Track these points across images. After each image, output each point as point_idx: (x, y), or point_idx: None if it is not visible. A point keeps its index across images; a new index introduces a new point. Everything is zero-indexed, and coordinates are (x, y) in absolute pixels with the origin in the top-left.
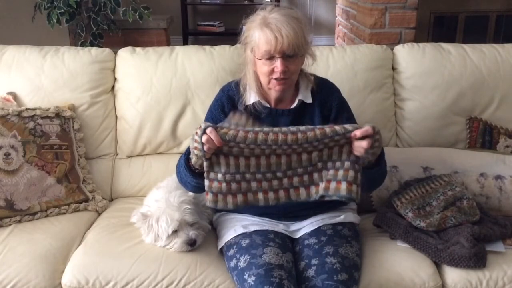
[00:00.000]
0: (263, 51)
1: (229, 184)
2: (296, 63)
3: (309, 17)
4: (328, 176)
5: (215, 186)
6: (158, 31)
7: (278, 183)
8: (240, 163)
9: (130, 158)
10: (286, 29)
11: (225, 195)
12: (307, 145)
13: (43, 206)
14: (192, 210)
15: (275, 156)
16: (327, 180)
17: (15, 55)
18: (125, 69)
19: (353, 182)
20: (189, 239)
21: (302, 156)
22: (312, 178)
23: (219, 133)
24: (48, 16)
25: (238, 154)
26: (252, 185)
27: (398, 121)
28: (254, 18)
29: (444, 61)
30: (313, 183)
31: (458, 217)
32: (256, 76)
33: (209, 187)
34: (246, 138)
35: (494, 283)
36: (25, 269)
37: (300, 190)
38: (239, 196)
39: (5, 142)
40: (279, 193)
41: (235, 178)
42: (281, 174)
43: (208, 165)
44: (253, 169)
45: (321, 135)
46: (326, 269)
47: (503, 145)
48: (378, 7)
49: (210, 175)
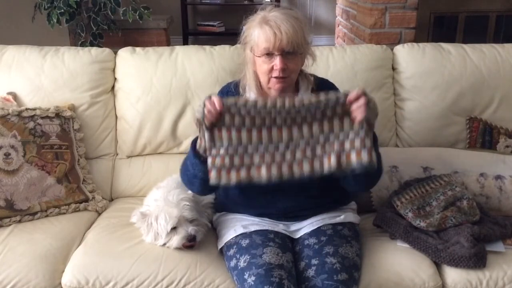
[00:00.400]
0: (262, 48)
1: (232, 158)
2: (295, 62)
3: (309, 17)
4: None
5: (218, 161)
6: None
7: (280, 157)
8: (242, 135)
9: (130, 158)
10: (285, 26)
11: (228, 170)
12: (304, 112)
13: (43, 206)
14: (191, 207)
15: (277, 128)
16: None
17: (15, 55)
18: (125, 69)
19: (372, 149)
20: (189, 235)
21: (303, 128)
22: (315, 153)
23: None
24: (48, 16)
25: (240, 126)
26: (254, 159)
27: (398, 121)
28: (254, 18)
29: (444, 61)
30: (316, 157)
31: (458, 217)
32: (256, 76)
33: (212, 163)
34: (247, 102)
35: (494, 283)
36: (25, 269)
37: (303, 164)
38: (242, 171)
39: (5, 142)
40: (282, 168)
41: (237, 151)
42: (283, 147)
43: (209, 138)
44: (255, 142)
45: (316, 102)
46: (326, 269)
47: (503, 145)
48: (378, 7)
49: (212, 152)
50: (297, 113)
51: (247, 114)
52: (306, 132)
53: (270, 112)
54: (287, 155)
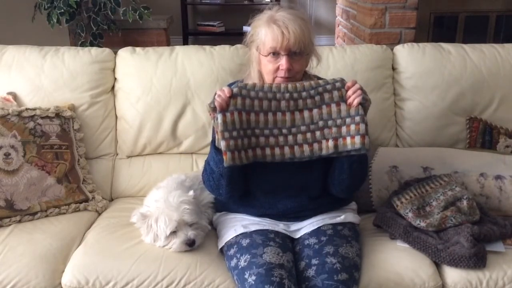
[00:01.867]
0: (269, 47)
1: (243, 140)
2: (301, 63)
3: (309, 17)
4: (335, 134)
5: (232, 143)
6: (158, 31)
7: (283, 139)
8: (251, 118)
9: (130, 158)
10: (293, 26)
11: (239, 151)
12: (305, 94)
13: (43, 206)
14: (191, 210)
15: (281, 113)
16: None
17: (15, 55)
18: (125, 69)
19: (366, 134)
20: (188, 239)
21: (304, 114)
22: (314, 136)
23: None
24: (48, 16)
25: (250, 109)
26: (260, 140)
27: (398, 121)
28: (261, 17)
29: (444, 61)
30: (316, 140)
31: (458, 217)
32: (260, 76)
33: (226, 146)
34: (255, 86)
35: (494, 283)
36: (25, 269)
37: (304, 147)
38: (249, 151)
39: (5, 142)
40: (284, 149)
41: (247, 133)
42: (286, 131)
43: (222, 122)
44: (262, 125)
45: (315, 84)
46: (326, 269)
47: (503, 145)
48: (378, 7)
49: (225, 135)
50: (299, 97)
51: (256, 97)
52: (307, 117)
53: (275, 95)
54: (289, 138)
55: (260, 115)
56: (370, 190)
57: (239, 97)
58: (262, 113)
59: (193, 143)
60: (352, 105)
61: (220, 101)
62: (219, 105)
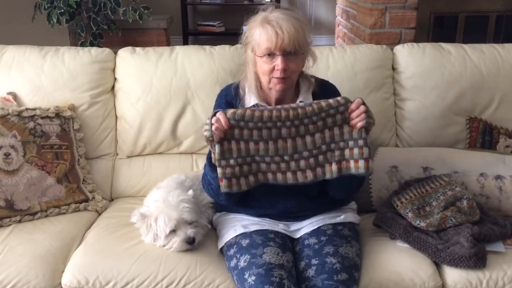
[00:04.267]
0: (264, 48)
1: (241, 167)
2: (297, 62)
3: (309, 17)
4: (338, 157)
5: (228, 171)
6: (158, 31)
7: (285, 165)
8: (250, 147)
9: (130, 158)
10: (286, 26)
11: (238, 178)
12: (307, 121)
13: (43, 206)
14: (190, 209)
15: (282, 140)
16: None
17: (15, 55)
18: (125, 69)
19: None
20: (188, 238)
21: (306, 139)
22: (317, 161)
23: (228, 113)
24: (48, 16)
25: (248, 138)
26: (261, 166)
27: (398, 121)
28: (255, 18)
29: (444, 61)
30: (319, 165)
31: (458, 217)
32: (257, 77)
33: (222, 173)
34: (253, 116)
35: (494, 283)
36: (25, 269)
37: (307, 172)
38: (250, 177)
39: (5, 142)
40: (287, 174)
41: (246, 160)
42: (288, 157)
43: (219, 152)
44: (262, 153)
45: (318, 109)
46: (326, 269)
47: (503, 145)
48: (378, 7)
49: (221, 163)
50: (300, 123)
51: (254, 127)
52: (310, 143)
53: (276, 123)
54: (291, 164)
55: (260, 143)
56: (370, 190)
57: (237, 129)
58: (262, 142)
59: (193, 143)
60: (355, 127)
61: (218, 133)
62: (217, 138)
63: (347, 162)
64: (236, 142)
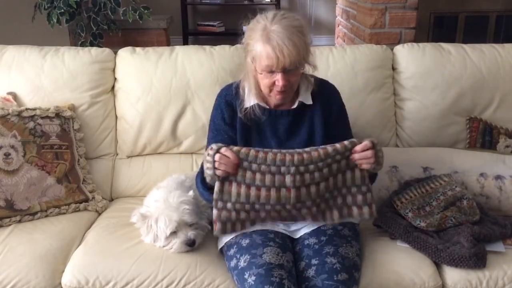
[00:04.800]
0: (264, 65)
1: (239, 214)
2: (297, 74)
3: (309, 17)
4: (340, 204)
5: (224, 215)
6: (158, 31)
7: (286, 214)
8: (251, 193)
9: (130, 158)
10: (287, 47)
11: (233, 223)
12: (312, 167)
13: (43, 206)
14: (191, 211)
15: (285, 189)
16: (339, 208)
17: (15, 55)
18: (125, 69)
19: (373, 203)
20: (188, 240)
21: (311, 189)
22: (319, 209)
23: (233, 150)
24: (48, 16)
25: (250, 183)
26: (261, 214)
27: (398, 121)
28: (255, 27)
29: (444, 61)
30: (320, 212)
31: (458, 217)
32: (257, 83)
33: (218, 215)
34: (257, 156)
35: (494, 283)
36: (25, 269)
37: (307, 218)
38: (247, 223)
39: (5, 142)
40: (286, 219)
41: (245, 207)
42: (290, 206)
43: (218, 191)
44: (263, 201)
45: (324, 155)
46: (326, 269)
47: (503, 145)
48: (378, 7)
49: (218, 204)
50: (305, 171)
51: (258, 170)
52: (314, 192)
53: (280, 169)
54: (293, 212)
55: (262, 190)
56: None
57: (240, 169)
58: (264, 188)
59: (193, 143)
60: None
61: (225, 169)
62: (224, 174)
63: (350, 209)
64: (237, 185)
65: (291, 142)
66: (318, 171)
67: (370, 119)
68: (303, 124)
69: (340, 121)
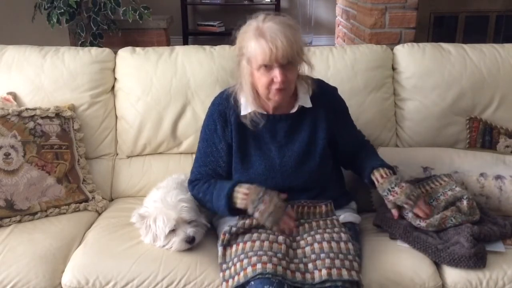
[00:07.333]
0: (260, 60)
1: (235, 265)
2: (294, 71)
3: (309, 17)
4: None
5: (227, 273)
6: (158, 31)
7: (277, 260)
8: (246, 246)
9: (130, 158)
10: (280, 40)
11: (233, 277)
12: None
13: (43, 206)
14: (189, 208)
15: (277, 244)
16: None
17: (15, 55)
18: (125, 69)
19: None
20: (187, 237)
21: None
22: (306, 267)
23: None
24: (48, 16)
25: (247, 239)
26: (252, 260)
27: (398, 121)
28: (247, 29)
29: (444, 61)
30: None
31: (458, 217)
32: (253, 88)
33: (223, 276)
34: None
35: (494, 283)
36: (25, 269)
37: (295, 274)
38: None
39: (5, 142)
40: (277, 267)
41: (240, 258)
42: (281, 255)
43: (222, 255)
44: (257, 249)
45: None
46: None
47: (503, 145)
48: (378, 7)
49: (223, 267)
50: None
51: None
52: (300, 253)
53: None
54: (283, 262)
55: (257, 242)
56: (370, 190)
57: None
58: (259, 241)
59: (193, 143)
60: None
61: (283, 225)
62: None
63: (338, 270)
64: (236, 244)
65: (291, 146)
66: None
67: (370, 119)
68: (303, 128)
69: (344, 119)
